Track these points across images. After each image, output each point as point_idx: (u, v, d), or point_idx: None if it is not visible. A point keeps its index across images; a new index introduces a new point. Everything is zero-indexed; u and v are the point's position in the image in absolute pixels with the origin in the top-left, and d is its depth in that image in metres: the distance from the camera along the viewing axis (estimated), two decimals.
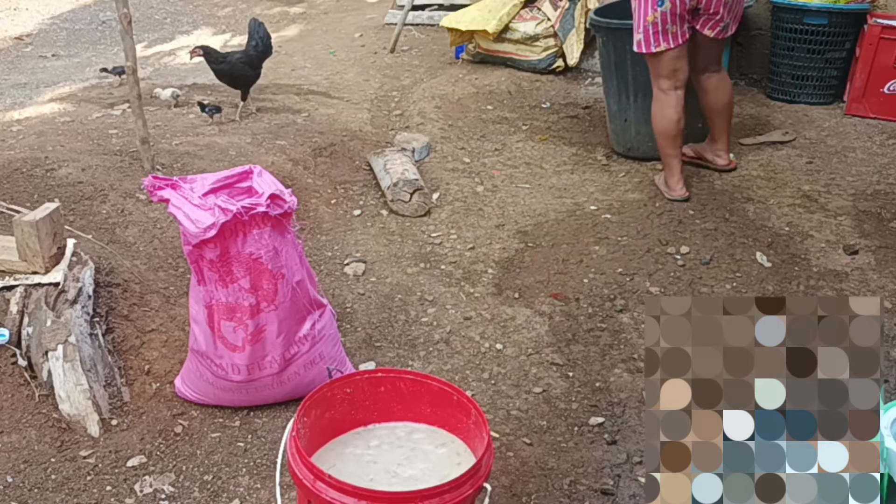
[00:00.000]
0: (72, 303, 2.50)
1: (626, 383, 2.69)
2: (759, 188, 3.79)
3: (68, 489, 2.21)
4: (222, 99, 4.82)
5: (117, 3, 3.27)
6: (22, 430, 2.36)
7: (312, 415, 1.87)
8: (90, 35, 6.87)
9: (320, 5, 7.76)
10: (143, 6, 7.56)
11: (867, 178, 3.85)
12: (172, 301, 2.80)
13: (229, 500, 2.21)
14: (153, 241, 3.08)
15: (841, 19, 4.55)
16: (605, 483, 2.28)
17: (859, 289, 3.09)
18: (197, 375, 2.46)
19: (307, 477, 1.65)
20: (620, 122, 4.22)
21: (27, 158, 3.46)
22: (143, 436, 2.38)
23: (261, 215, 2.27)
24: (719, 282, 3.15)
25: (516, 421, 2.52)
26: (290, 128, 4.26)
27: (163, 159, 3.63)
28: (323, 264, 3.30)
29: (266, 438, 2.42)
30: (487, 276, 3.26)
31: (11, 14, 7.47)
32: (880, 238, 3.38)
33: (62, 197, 3.13)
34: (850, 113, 4.58)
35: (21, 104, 4.78)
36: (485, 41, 5.39)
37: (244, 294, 2.33)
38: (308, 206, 3.60)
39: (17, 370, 2.47)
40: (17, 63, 5.99)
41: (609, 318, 2.99)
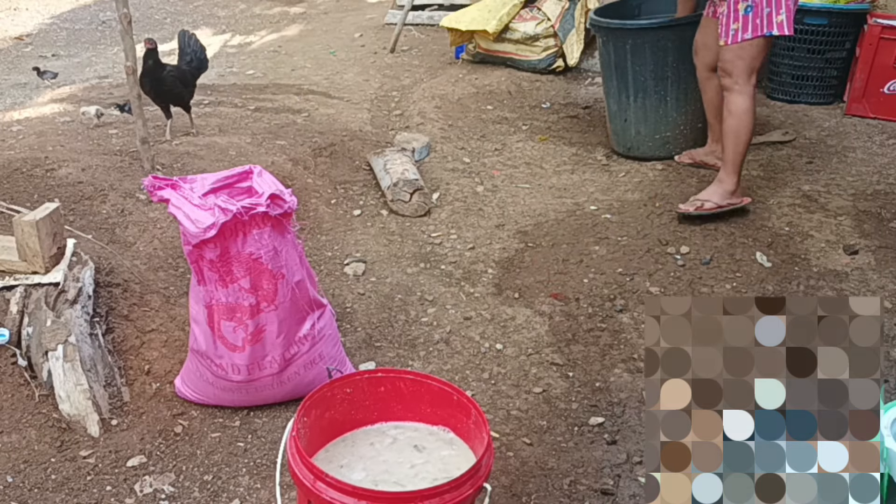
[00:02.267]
0: (72, 303, 2.50)
1: (626, 383, 2.69)
2: (759, 188, 3.79)
3: (68, 489, 2.21)
4: (223, 99, 4.82)
5: (117, 3, 3.27)
6: (22, 430, 2.36)
7: (312, 415, 1.87)
8: (90, 35, 6.87)
9: (320, 5, 7.77)
10: (143, 6, 7.57)
11: (867, 178, 3.85)
12: (172, 301, 2.80)
13: (229, 500, 2.21)
14: (153, 241, 3.08)
15: (841, 19, 4.55)
16: (605, 483, 2.28)
17: (859, 289, 3.09)
18: (197, 375, 2.46)
19: (307, 477, 1.65)
20: (620, 122, 4.22)
21: (27, 158, 3.46)
22: (143, 436, 2.38)
23: (261, 215, 2.27)
24: (719, 282, 3.15)
25: (516, 421, 2.52)
26: (290, 128, 4.26)
27: (163, 159, 3.63)
28: (323, 264, 3.30)
29: (266, 438, 2.42)
30: (487, 276, 3.25)
31: (11, 14, 7.47)
32: (880, 238, 3.38)
33: (62, 197, 3.13)
34: (850, 113, 4.58)
35: (21, 104, 4.78)
36: (485, 41, 5.39)
37: (244, 294, 2.33)
38: (308, 206, 3.59)
39: (17, 370, 2.47)
40: (17, 63, 5.99)
41: (609, 318, 2.99)
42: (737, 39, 3.25)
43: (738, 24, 3.24)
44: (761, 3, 3.22)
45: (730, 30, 3.27)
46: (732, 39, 3.25)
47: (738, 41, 3.25)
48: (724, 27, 3.30)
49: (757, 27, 3.23)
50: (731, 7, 3.25)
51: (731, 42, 3.27)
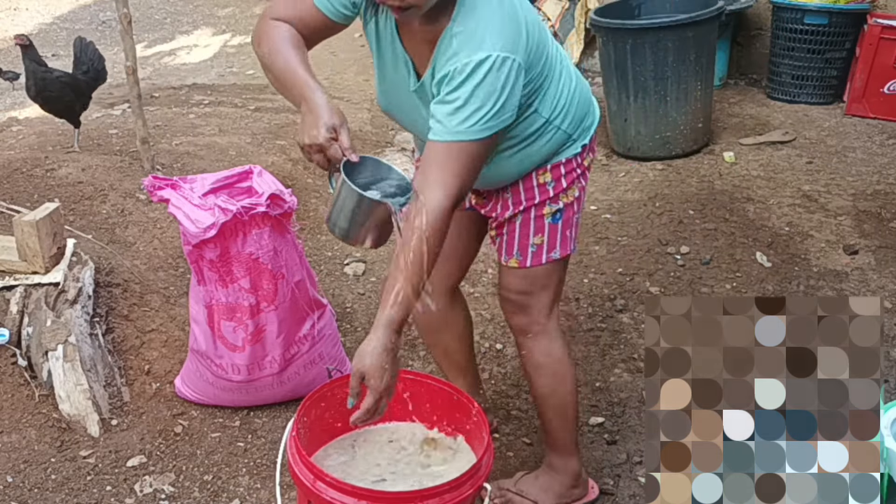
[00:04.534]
0: (72, 303, 2.50)
1: (626, 383, 2.68)
2: (759, 188, 3.79)
3: (68, 489, 2.21)
4: (223, 99, 4.82)
5: (117, 3, 3.27)
6: (22, 430, 2.36)
7: (312, 415, 1.87)
8: (90, 35, 6.82)
9: None
10: (143, 6, 7.56)
11: (867, 178, 3.85)
12: (172, 301, 2.80)
13: (229, 500, 2.21)
14: (153, 241, 3.08)
15: (841, 19, 4.55)
16: (605, 483, 2.28)
17: (859, 289, 3.09)
18: (197, 375, 2.46)
19: (307, 477, 1.65)
20: (620, 122, 4.22)
21: (27, 158, 3.46)
22: (143, 436, 2.38)
23: (261, 215, 2.27)
24: (719, 282, 3.15)
25: (516, 421, 2.52)
26: (290, 128, 4.26)
27: (163, 159, 3.63)
28: (323, 264, 3.30)
29: (266, 438, 2.42)
30: (487, 276, 3.25)
31: (11, 14, 7.47)
32: (880, 238, 3.38)
33: (62, 197, 3.13)
34: (850, 113, 4.58)
35: (21, 104, 4.77)
36: None
37: (244, 294, 2.33)
38: (308, 206, 3.59)
39: (17, 370, 2.47)
40: (17, 63, 5.98)
41: (609, 318, 2.99)
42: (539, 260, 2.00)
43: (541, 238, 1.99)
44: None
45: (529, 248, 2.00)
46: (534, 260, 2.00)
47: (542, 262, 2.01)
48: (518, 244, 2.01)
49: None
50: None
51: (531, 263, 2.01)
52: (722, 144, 4.31)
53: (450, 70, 1.60)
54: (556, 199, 1.94)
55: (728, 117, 4.63)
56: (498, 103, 1.60)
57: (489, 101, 1.59)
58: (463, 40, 1.60)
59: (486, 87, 1.59)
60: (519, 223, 1.97)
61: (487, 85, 1.58)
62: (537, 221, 1.96)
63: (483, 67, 1.57)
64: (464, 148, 1.62)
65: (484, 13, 1.61)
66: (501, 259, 2.05)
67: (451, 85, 1.60)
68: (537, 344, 2.07)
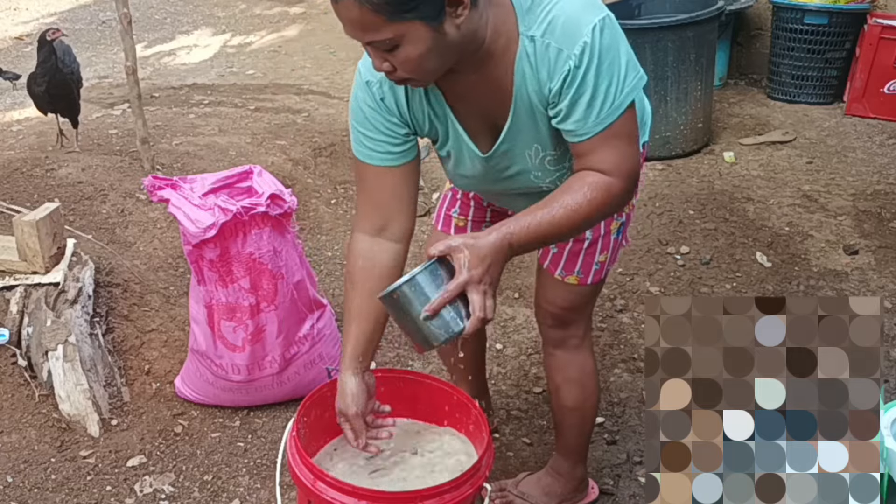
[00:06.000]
0: (72, 303, 2.50)
1: (626, 383, 2.68)
2: (759, 188, 3.79)
3: (68, 489, 2.21)
4: (223, 99, 4.82)
5: (117, 3, 3.26)
6: (22, 430, 2.36)
7: (312, 415, 1.87)
8: (90, 35, 6.86)
9: (320, 5, 7.75)
10: (143, 6, 7.55)
11: (867, 178, 3.85)
12: (172, 301, 2.80)
13: (229, 500, 2.21)
14: (153, 241, 3.08)
15: (841, 19, 4.55)
16: (605, 483, 2.28)
17: (859, 289, 3.09)
18: (197, 375, 2.46)
19: (307, 477, 1.65)
20: None
21: (27, 158, 3.46)
22: (143, 436, 2.38)
23: (261, 215, 2.27)
24: (719, 282, 3.15)
25: (516, 421, 2.52)
26: (290, 128, 4.26)
27: (163, 159, 3.63)
28: (323, 264, 3.30)
29: (266, 438, 2.42)
30: None
31: (11, 14, 7.47)
32: (880, 238, 3.38)
33: (62, 197, 3.13)
34: (850, 113, 4.58)
35: (21, 104, 4.77)
36: None
37: (244, 294, 2.33)
38: (308, 206, 3.59)
39: (17, 370, 2.47)
40: (17, 63, 5.99)
41: (609, 318, 2.99)
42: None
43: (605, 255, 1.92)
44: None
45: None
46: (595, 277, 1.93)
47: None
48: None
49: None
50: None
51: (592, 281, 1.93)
52: (722, 144, 4.31)
53: (565, 70, 1.46)
54: (621, 211, 1.79)
55: (728, 117, 4.63)
56: (622, 65, 1.51)
57: (614, 71, 1.49)
58: (555, 38, 1.47)
59: (605, 62, 1.48)
60: (588, 241, 1.84)
61: (606, 59, 1.48)
62: (605, 239, 1.86)
63: (589, 50, 1.47)
64: (613, 130, 1.50)
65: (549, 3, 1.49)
66: (556, 273, 1.90)
67: (574, 85, 1.47)
68: (574, 357, 2.00)
